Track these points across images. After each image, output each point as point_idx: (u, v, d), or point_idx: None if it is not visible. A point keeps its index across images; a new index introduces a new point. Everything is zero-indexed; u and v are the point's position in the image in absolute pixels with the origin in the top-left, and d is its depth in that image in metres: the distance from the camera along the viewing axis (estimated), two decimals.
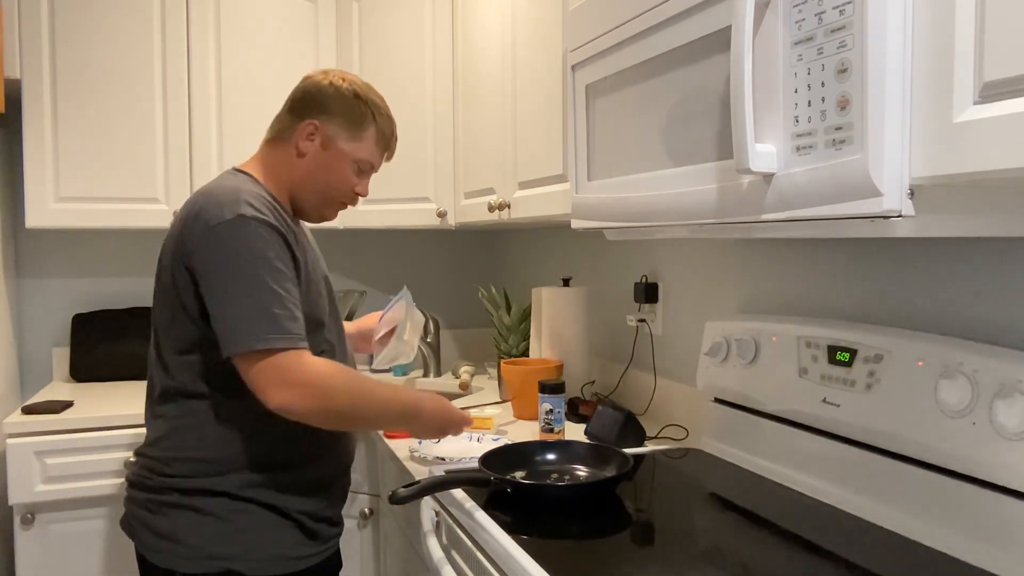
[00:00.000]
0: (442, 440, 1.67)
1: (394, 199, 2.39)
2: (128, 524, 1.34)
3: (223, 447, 1.28)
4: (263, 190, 1.33)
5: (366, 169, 1.45)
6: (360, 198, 1.48)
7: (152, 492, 1.30)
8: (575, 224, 1.44)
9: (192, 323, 1.27)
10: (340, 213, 1.49)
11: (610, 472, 1.32)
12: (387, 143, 1.47)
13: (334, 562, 1.43)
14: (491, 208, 1.97)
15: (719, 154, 1.02)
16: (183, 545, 1.26)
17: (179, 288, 1.27)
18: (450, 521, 1.31)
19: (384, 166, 1.68)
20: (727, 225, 1.04)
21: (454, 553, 1.28)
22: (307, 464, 1.34)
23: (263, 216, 1.25)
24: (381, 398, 1.30)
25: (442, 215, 2.35)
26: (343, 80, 1.42)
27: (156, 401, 1.33)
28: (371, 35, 2.44)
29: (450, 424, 1.41)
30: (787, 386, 1.32)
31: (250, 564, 1.27)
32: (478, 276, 3.03)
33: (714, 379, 1.51)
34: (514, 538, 1.07)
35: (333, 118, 1.39)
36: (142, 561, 1.33)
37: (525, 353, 2.24)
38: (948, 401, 1.02)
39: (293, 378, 1.19)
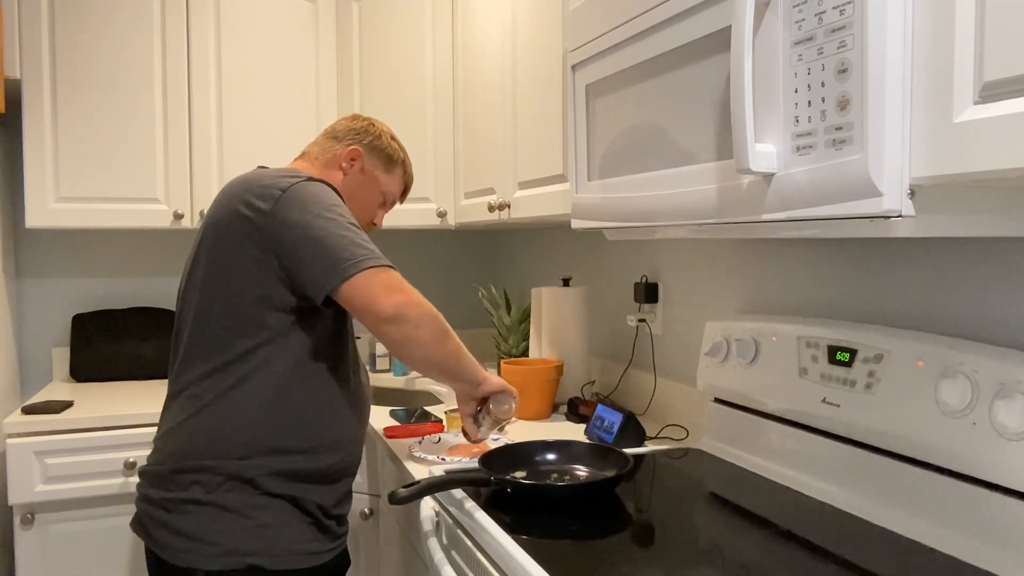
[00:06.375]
0: (442, 440, 1.67)
1: None
2: (141, 524, 1.33)
3: (250, 428, 1.28)
4: None
5: (389, 202, 1.62)
6: (373, 228, 1.63)
7: (171, 490, 1.29)
8: (575, 224, 1.44)
9: (250, 302, 1.29)
10: None
11: (610, 472, 1.32)
12: (407, 186, 1.66)
13: (344, 560, 1.46)
14: (491, 208, 1.97)
15: (719, 154, 1.02)
16: (206, 543, 1.26)
17: (238, 263, 1.30)
18: (450, 521, 1.31)
19: None
20: (727, 225, 1.04)
21: (454, 553, 1.28)
22: (324, 452, 1.35)
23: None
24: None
25: (442, 215, 2.35)
26: (373, 123, 1.58)
27: (185, 383, 1.33)
28: (371, 35, 2.44)
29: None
30: (787, 386, 1.32)
31: (272, 559, 1.28)
32: (478, 276, 3.03)
33: (714, 379, 1.51)
34: (514, 538, 1.07)
35: (374, 150, 1.56)
36: (155, 562, 1.32)
37: (525, 353, 2.24)
38: (948, 401, 1.02)
39: (402, 285, 1.29)
